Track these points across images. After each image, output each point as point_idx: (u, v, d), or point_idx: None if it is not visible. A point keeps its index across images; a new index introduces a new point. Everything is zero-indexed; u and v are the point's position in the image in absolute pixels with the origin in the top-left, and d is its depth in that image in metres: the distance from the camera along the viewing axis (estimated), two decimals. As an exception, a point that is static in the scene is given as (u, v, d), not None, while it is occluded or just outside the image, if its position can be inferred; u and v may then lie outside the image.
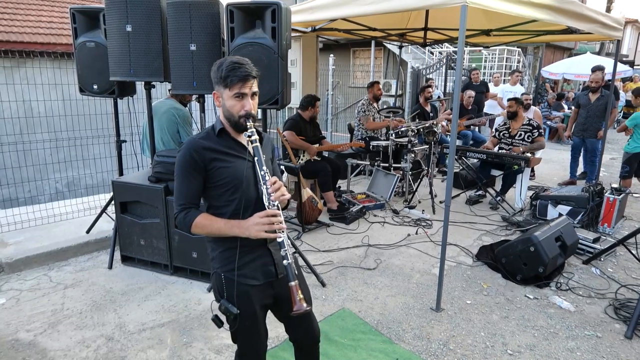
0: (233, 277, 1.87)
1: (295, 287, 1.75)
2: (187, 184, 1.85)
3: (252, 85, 1.83)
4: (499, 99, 9.41)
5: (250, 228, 1.77)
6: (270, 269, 1.94)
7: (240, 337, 1.96)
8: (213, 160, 1.84)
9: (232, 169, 1.86)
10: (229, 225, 1.81)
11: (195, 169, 1.83)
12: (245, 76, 1.79)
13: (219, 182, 1.85)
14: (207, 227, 1.82)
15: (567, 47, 19.72)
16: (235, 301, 1.87)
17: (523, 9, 3.57)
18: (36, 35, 8.63)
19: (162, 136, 4.44)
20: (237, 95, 1.81)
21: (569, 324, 3.37)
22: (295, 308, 1.74)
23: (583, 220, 5.16)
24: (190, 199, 1.86)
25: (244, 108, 1.82)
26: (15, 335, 3.08)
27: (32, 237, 4.48)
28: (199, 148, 1.84)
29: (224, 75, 1.79)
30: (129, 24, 3.52)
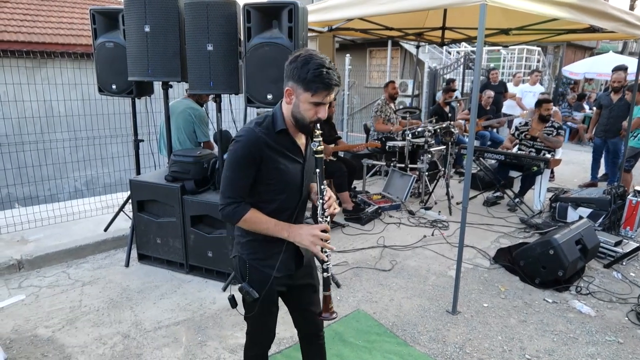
0: (257, 266, 1.90)
1: (329, 297, 1.86)
2: (240, 178, 1.78)
3: (332, 93, 1.74)
4: (517, 99, 9.27)
5: (304, 237, 1.79)
6: (290, 263, 1.95)
7: (254, 321, 2.02)
8: (269, 158, 1.77)
9: (285, 171, 1.81)
10: (279, 227, 1.81)
11: (252, 164, 1.76)
12: (333, 85, 1.70)
13: (268, 180, 1.80)
14: (256, 224, 1.81)
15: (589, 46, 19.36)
16: (257, 286, 1.89)
17: (544, 8, 3.50)
18: (57, 36, 8.80)
19: (179, 136, 4.47)
20: (316, 104, 1.72)
21: (589, 329, 3.30)
22: (324, 315, 1.88)
23: (604, 223, 5.05)
24: (241, 193, 1.80)
25: (318, 115, 1.75)
26: (34, 331, 3.13)
27: (52, 234, 4.55)
28: (261, 144, 1.75)
29: (310, 79, 1.67)
30: (147, 25, 3.55)
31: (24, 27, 8.67)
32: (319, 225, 1.79)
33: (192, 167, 3.86)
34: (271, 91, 3.38)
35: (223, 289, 3.71)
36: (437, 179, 6.41)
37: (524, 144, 6.21)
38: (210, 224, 3.87)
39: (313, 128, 1.77)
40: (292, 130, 1.83)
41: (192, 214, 3.83)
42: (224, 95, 3.78)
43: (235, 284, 2.03)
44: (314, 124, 1.76)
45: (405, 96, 11.08)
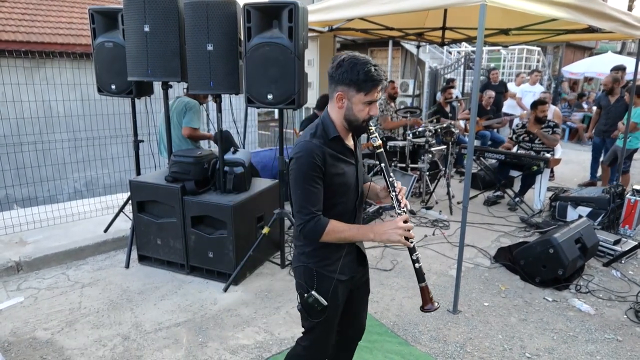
0: (325, 273, 1.91)
1: (426, 287, 1.88)
2: (313, 190, 1.77)
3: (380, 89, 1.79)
4: (518, 99, 9.28)
5: (391, 233, 1.79)
6: (354, 266, 1.99)
7: (320, 328, 2.00)
8: (330, 165, 1.80)
9: (345, 177, 1.85)
10: (363, 231, 1.83)
11: (319, 174, 1.77)
12: (381, 81, 1.76)
13: (331, 187, 1.82)
14: (339, 233, 1.79)
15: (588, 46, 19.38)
16: (326, 294, 1.91)
17: (543, 8, 3.50)
18: (56, 36, 8.77)
19: (177, 132, 4.45)
20: (370, 102, 1.76)
21: (588, 327, 3.30)
22: (427, 307, 1.90)
23: (603, 222, 5.06)
24: (318, 205, 1.79)
25: (370, 113, 1.79)
26: (33, 334, 3.12)
27: (51, 235, 4.54)
28: (321, 152, 1.77)
29: (362, 79, 1.71)
30: (146, 24, 3.54)
31: (22, 26, 8.64)
32: (401, 217, 1.80)
33: (192, 168, 3.85)
34: (271, 91, 3.38)
35: (224, 290, 3.71)
36: (437, 179, 6.41)
37: (522, 146, 6.20)
38: (211, 224, 3.86)
39: (366, 126, 1.83)
40: (343, 134, 1.87)
41: (192, 214, 3.82)
42: (224, 95, 3.77)
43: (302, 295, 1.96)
44: (367, 122, 1.81)
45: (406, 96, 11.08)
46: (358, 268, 2.03)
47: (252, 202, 3.93)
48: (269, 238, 3.96)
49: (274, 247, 4.34)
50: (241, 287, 3.79)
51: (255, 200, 3.95)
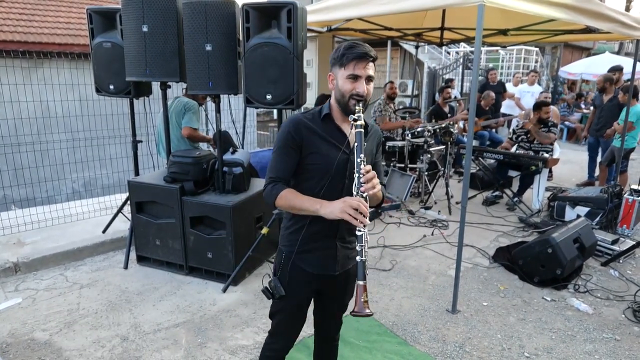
0: (294, 259, 1.90)
1: (363, 287, 1.67)
2: (281, 159, 1.84)
3: (367, 66, 1.76)
4: (516, 99, 9.29)
5: (336, 207, 1.67)
6: (329, 263, 1.92)
7: (278, 318, 2.00)
8: (309, 142, 1.81)
9: (325, 158, 1.81)
10: (312, 202, 1.75)
11: (292, 145, 1.80)
12: (362, 54, 1.73)
13: (308, 165, 1.82)
14: (291, 200, 1.78)
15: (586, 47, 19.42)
16: (286, 284, 1.90)
17: (541, 8, 3.51)
18: (54, 36, 8.75)
19: (175, 132, 4.43)
20: (351, 77, 1.75)
21: (586, 327, 3.31)
22: (357, 309, 1.65)
23: (602, 221, 5.07)
24: (281, 173, 1.84)
25: (356, 89, 1.75)
26: (31, 335, 3.11)
27: (49, 236, 4.53)
28: (299, 125, 1.81)
29: (341, 54, 1.76)
30: (145, 24, 3.54)
31: (19, 26, 8.61)
32: (353, 197, 1.68)
33: (191, 168, 3.85)
34: (270, 91, 3.38)
35: (223, 290, 3.70)
36: (436, 179, 6.42)
37: (521, 146, 6.21)
38: (210, 225, 3.86)
39: (353, 106, 1.76)
40: (339, 118, 1.85)
41: (191, 215, 3.82)
42: (223, 95, 3.76)
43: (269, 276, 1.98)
44: (355, 100, 1.75)
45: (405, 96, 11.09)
46: (335, 268, 1.93)
47: (251, 203, 3.92)
48: (268, 238, 3.96)
49: (273, 248, 4.33)
50: (240, 287, 3.79)
51: (254, 200, 3.95)
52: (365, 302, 1.66)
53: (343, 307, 2.14)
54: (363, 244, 1.67)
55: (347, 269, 1.99)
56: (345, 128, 1.85)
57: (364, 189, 1.68)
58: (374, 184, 1.71)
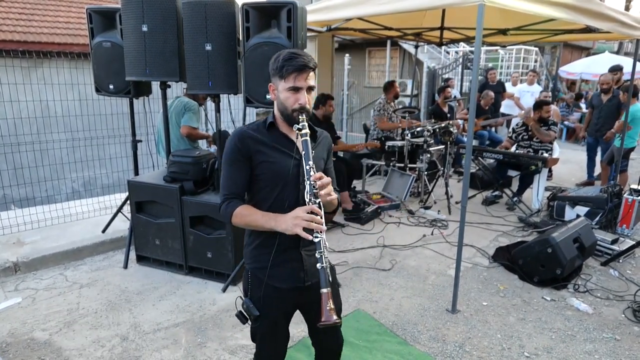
0: (260, 276, 1.84)
1: (327, 294, 1.60)
2: (231, 174, 1.81)
3: (308, 77, 1.74)
4: (516, 98, 9.30)
5: (287, 221, 1.66)
6: (299, 275, 1.86)
7: (259, 338, 1.95)
8: (257, 152, 1.78)
9: (275, 165, 1.78)
10: (267, 218, 1.73)
11: (240, 158, 1.78)
12: (302, 66, 1.71)
13: (259, 176, 1.80)
14: (246, 217, 1.75)
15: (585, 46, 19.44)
16: (258, 303, 1.84)
17: (541, 8, 3.51)
18: (53, 36, 8.75)
19: (175, 132, 4.44)
20: (291, 89, 1.73)
21: (586, 327, 3.31)
22: (324, 319, 1.59)
23: (601, 221, 5.07)
24: (233, 189, 1.81)
25: (299, 102, 1.73)
26: (31, 335, 3.11)
27: (49, 236, 4.53)
28: (245, 137, 1.78)
29: (280, 65, 1.72)
30: (145, 24, 3.53)
31: (19, 26, 8.61)
32: (306, 207, 1.66)
33: (191, 168, 3.85)
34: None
35: (223, 290, 3.70)
36: (436, 179, 6.42)
37: (521, 145, 6.21)
38: (210, 224, 3.86)
39: (297, 117, 1.73)
40: (284, 127, 1.83)
41: (191, 214, 3.82)
42: (223, 95, 3.76)
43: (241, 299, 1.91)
44: (298, 112, 1.73)
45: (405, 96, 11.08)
46: (305, 279, 1.86)
47: (251, 202, 3.92)
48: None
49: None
50: (240, 287, 3.78)
51: (253, 200, 3.94)
52: (332, 310, 1.60)
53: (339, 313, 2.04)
54: (322, 250, 1.62)
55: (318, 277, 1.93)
56: (292, 135, 1.83)
57: (317, 195, 1.67)
58: (328, 190, 1.69)
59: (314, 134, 1.88)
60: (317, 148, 1.88)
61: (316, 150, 1.86)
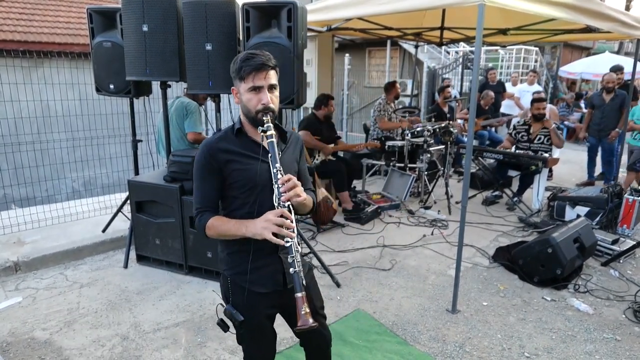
0: (239, 282, 1.82)
1: (302, 298, 1.58)
2: (202, 187, 1.81)
3: (267, 76, 1.71)
4: (516, 98, 9.30)
5: (257, 226, 1.64)
6: (278, 278, 1.84)
7: (246, 343, 1.93)
8: (228, 162, 1.76)
9: (247, 172, 1.76)
10: (238, 225, 1.71)
11: (210, 171, 1.77)
12: (260, 65, 1.68)
13: (233, 184, 1.78)
14: (218, 227, 1.75)
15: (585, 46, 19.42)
16: (241, 308, 1.82)
17: (541, 8, 3.51)
18: (54, 36, 8.75)
19: (175, 133, 4.42)
20: (252, 89, 1.70)
21: (587, 327, 3.31)
22: (300, 323, 1.57)
23: (602, 221, 5.07)
24: (205, 202, 1.80)
25: (261, 102, 1.70)
26: (32, 334, 3.11)
27: (49, 235, 4.53)
28: (214, 150, 1.76)
29: (238, 67, 1.71)
30: (145, 24, 3.53)
31: (20, 26, 8.62)
32: (275, 211, 1.64)
33: (191, 168, 3.83)
34: (270, 91, 3.36)
35: (222, 290, 3.70)
36: (436, 179, 6.41)
37: (519, 147, 6.19)
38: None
39: (262, 118, 1.71)
40: (251, 131, 1.81)
41: (191, 214, 3.81)
42: (223, 95, 3.76)
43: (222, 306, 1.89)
44: (262, 113, 1.71)
45: (405, 96, 11.08)
46: (285, 282, 1.84)
47: (251, 202, 3.91)
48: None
49: (272, 247, 4.33)
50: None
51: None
52: (307, 314, 1.58)
53: (316, 313, 1.94)
54: (294, 254, 1.61)
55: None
56: (259, 138, 1.79)
57: (284, 199, 1.64)
58: (297, 191, 1.66)
59: (284, 135, 1.86)
60: (288, 150, 1.87)
61: (287, 152, 1.86)
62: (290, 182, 1.66)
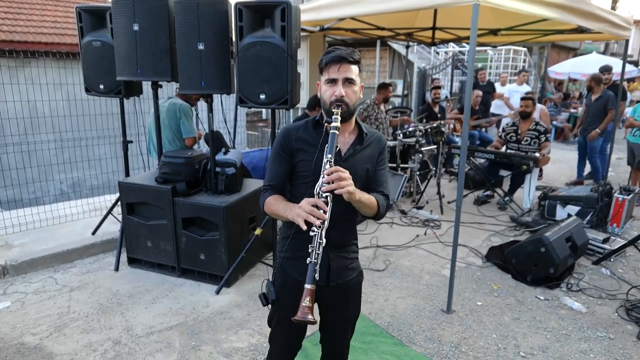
0: (285, 266, 1.88)
1: (309, 291, 1.58)
2: (273, 167, 1.88)
3: (345, 69, 1.73)
4: (505, 99, 9.36)
5: (294, 211, 1.66)
6: (322, 273, 1.77)
7: (275, 323, 1.96)
8: (299, 150, 1.82)
9: (313, 163, 1.76)
10: (285, 207, 1.76)
11: (282, 153, 1.84)
12: (337, 57, 1.72)
13: (300, 172, 1.83)
14: (270, 205, 1.82)
15: (572, 47, 19.64)
16: (278, 289, 1.86)
17: (534, 8, 3.53)
18: (40, 35, 8.61)
19: (167, 134, 4.36)
20: (329, 81, 1.75)
21: (580, 325, 3.33)
22: (298, 315, 1.57)
23: (592, 220, 5.11)
24: (272, 180, 1.87)
25: (335, 94, 1.73)
26: (21, 339, 3.04)
27: (37, 238, 4.44)
28: (288, 135, 1.84)
29: (320, 60, 1.77)
30: (136, 23, 3.48)
31: (4, 25, 8.45)
32: (309, 199, 1.64)
33: (183, 169, 3.80)
34: (264, 91, 3.34)
35: (216, 292, 3.66)
36: (428, 179, 6.42)
37: (509, 147, 6.23)
38: (203, 226, 3.82)
39: (332, 109, 1.71)
40: None
41: (183, 216, 3.77)
42: (215, 95, 3.72)
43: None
44: (334, 104, 1.72)
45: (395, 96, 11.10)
46: (325, 279, 1.83)
47: (244, 203, 3.89)
48: (261, 239, 3.92)
49: (266, 249, 4.30)
50: (233, 289, 3.75)
51: (247, 201, 3.91)
52: (308, 308, 1.57)
53: (344, 323, 2.01)
54: (315, 245, 1.60)
55: (346, 280, 1.91)
56: (341, 136, 1.79)
57: (325, 189, 1.62)
58: (340, 185, 1.61)
59: (361, 134, 1.87)
60: (364, 150, 1.86)
61: (362, 152, 1.86)
62: (335, 174, 1.62)
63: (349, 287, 1.94)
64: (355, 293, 2.00)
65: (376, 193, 1.87)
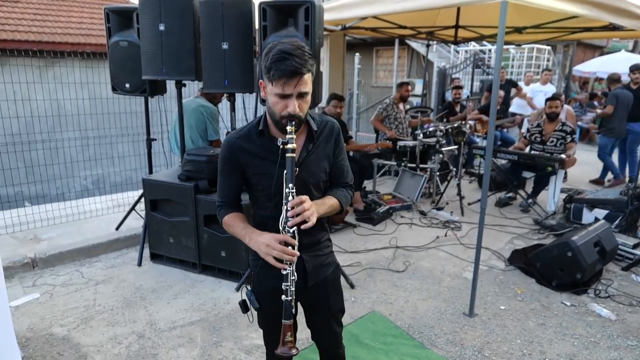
0: (260, 273, 1.81)
1: (287, 327, 1.61)
2: (222, 182, 1.82)
3: (299, 83, 1.53)
4: (528, 98, 9.18)
5: (261, 246, 1.61)
6: (298, 275, 1.73)
7: (263, 328, 1.98)
8: (248, 164, 1.71)
9: (265, 177, 1.68)
10: (244, 233, 1.71)
11: (230, 168, 1.75)
12: (292, 72, 1.50)
13: (254, 186, 1.77)
14: (229, 227, 1.79)
15: (599, 45, 19.15)
16: (259, 296, 1.82)
17: (565, 5, 3.42)
18: (67, 36, 8.81)
19: (191, 134, 4.42)
20: (279, 96, 1.56)
21: (610, 333, 3.23)
22: (279, 350, 1.62)
23: (621, 224, 4.98)
24: (225, 197, 1.83)
25: (287, 109, 1.56)
26: (50, 330, 3.11)
27: (64, 233, 4.54)
28: (234, 149, 1.72)
29: (268, 67, 1.52)
30: (162, 23, 3.52)
31: (34, 26, 8.69)
32: (280, 236, 1.59)
33: (205, 166, 3.83)
34: (287, 90, 3.34)
35: (236, 289, 3.69)
36: (448, 180, 6.35)
37: (534, 148, 6.11)
38: (224, 223, 3.84)
39: (285, 124, 1.57)
40: (275, 131, 1.69)
41: (205, 213, 3.80)
42: (238, 94, 3.74)
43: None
44: (287, 119, 1.57)
45: (414, 96, 11.01)
46: (304, 280, 1.79)
47: (266, 202, 3.89)
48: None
49: (286, 247, 4.30)
50: (254, 287, 3.76)
51: (268, 199, 3.92)
52: (290, 342, 1.60)
53: (331, 317, 1.97)
54: (289, 283, 1.60)
55: (323, 277, 1.88)
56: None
57: (290, 224, 1.56)
58: (305, 216, 1.55)
59: (311, 133, 1.75)
60: (317, 148, 1.77)
61: (316, 150, 1.76)
62: (299, 207, 1.56)
63: (327, 283, 1.91)
64: (335, 287, 1.97)
65: (338, 187, 1.85)
